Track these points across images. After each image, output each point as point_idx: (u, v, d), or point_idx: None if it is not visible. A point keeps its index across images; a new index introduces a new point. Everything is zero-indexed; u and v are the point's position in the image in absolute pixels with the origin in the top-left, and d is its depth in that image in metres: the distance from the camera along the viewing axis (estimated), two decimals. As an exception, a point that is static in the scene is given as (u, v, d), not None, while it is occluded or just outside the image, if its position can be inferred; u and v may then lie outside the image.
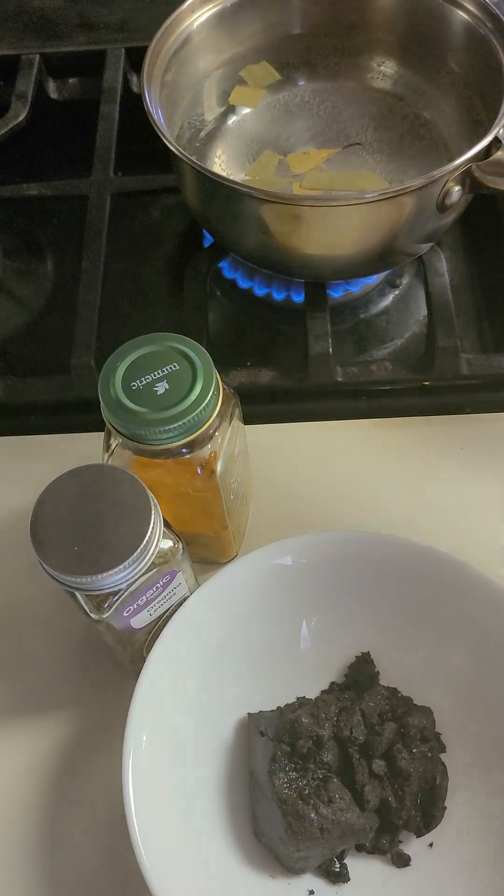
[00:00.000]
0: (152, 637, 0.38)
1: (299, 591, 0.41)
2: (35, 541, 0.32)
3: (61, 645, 0.44)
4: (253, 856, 0.36)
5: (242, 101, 0.57)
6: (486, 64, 0.51)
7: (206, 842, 0.36)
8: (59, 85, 0.68)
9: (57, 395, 0.51)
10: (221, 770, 0.38)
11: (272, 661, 0.41)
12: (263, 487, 0.48)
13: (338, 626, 0.41)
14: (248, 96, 0.57)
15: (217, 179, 0.45)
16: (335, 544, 0.41)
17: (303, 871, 0.36)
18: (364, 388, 0.51)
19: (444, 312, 0.50)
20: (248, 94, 0.57)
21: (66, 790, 0.40)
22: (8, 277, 0.62)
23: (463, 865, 0.36)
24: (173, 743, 0.37)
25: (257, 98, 0.57)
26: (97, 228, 0.55)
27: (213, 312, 0.56)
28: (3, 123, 0.62)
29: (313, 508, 0.47)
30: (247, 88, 0.57)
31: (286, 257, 0.49)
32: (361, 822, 0.36)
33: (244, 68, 0.57)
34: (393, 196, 0.44)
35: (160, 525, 0.33)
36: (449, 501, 0.47)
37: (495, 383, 0.51)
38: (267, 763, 0.36)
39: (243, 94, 0.57)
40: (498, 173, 0.45)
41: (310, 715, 0.37)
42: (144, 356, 0.35)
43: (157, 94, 0.50)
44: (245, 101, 0.57)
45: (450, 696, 0.40)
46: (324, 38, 0.58)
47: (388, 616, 0.41)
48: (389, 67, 0.58)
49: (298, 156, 0.53)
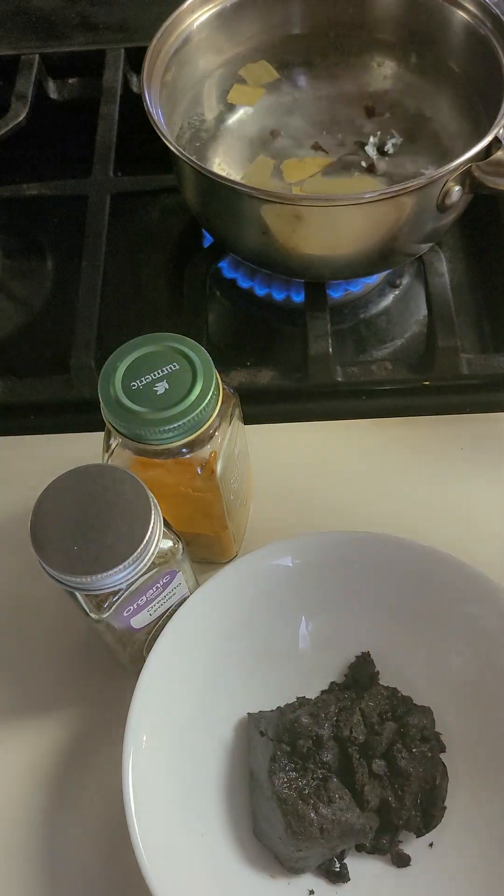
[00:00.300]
0: (152, 637, 0.38)
1: (299, 592, 0.41)
2: (35, 541, 0.32)
3: (61, 645, 0.44)
4: (253, 856, 0.36)
5: (241, 100, 0.57)
6: (486, 64, 0.51)
7: (206, 842, 0.36)
8: (59, 85, 0.68)
9: (57, 395, 0.51)
10: (221, 770, 0.38)
11: (272, 661, 0.41)
12: (263, 487, 0.48)
13: (338, 626, 0.41)
14: (246, 95, 0.57)
15: (217, 179, 0.45)
16: (335, 544, 0.41)
17: (303, 871, 0.36)
18: (364, 388, 0.51)
19: (444, 312, 0.50)
20: (246, 92, 0.57)
21: (66, 790, 0.40)
22: (8, 277, 0.62)
23: (463, 865, 0.36)
24: (173, 743, 0.37)
25: (256, 97, 0.57)
26: (97, 228, 0.55)
27: (213, 312, 0.56)
28: (3, 123, 0.62)
29: (313, 508, 0.47)
30: (246, 87, 0.57)
31: (286, 257, 0.49)
32: (361, 822, 0.36)
33: (243, 67, 0.57)
34: (393, 196, 0.44)
35: (160, 525, 0.33)
36: (449, 501, 0.47)
37: (495, 383, 0.51)
38: (267, 763, 0.36)
39: (242, 92, 0.57)
40: (498, 173, 0.45)
41: (310, 715, 0.37)
42: (144, 356, 0.35)
43: (157, 94, 0.50)
44: (244, 99, 0.57)
45: (450, 696, 0.40)
46: (324, 38, 0.58)
47: (388, 616, 0.41)
48: (389, 67, 0.58)
49: (293, 163, 0.53)
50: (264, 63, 0.57)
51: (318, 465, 0.49)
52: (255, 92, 0.57)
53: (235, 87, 0.57)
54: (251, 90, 0.57)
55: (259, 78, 0.57)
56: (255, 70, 0.57)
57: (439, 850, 0.37)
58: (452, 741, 0.39)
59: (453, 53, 0.54)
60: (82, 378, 0.50)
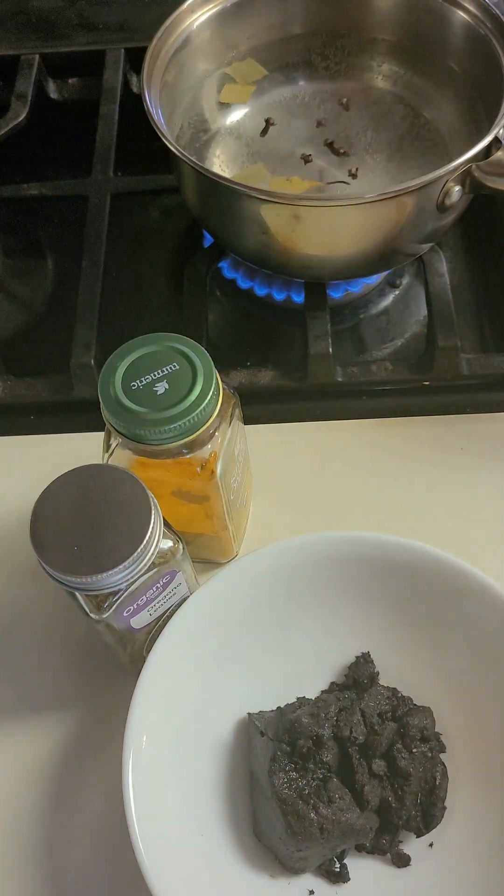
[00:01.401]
0: (152, 637, 0.38)
1: (299, 591, 0.41)
2: (35, 541, 0.32)
3: (61, 645, 0.44)
4: (253, 856, 0.36)
5: (233, 98, 0.57)
6: (486, 64, 0.51)
7: (206, 842, 0.36)
8: (59, 85, 0.68)
9: (57, 395, 0.51)
10: (221, 770, 0.38)
11: (272, 661, 0.41)
12: (263, 487, 0.48)
13: (338, 626, 0.41)
14: (237, 93, 0.57)
15: (217, 179, 0.45)
16: (335, 544, 0.41)
17: (303, 871, 0.36)
18: (364, 388, 0.51)
19: (444, 312, 0.50)
20: (237, 90, 0.57)
21: (66, 790, 0.40)
22: (8, 277, 0.62)
23: (463, 865, 0.36)
24: (173, 743, 0.37)
25: (247, 94, 0.57)
26: (97, 228, 0.55)
27: (213, 312, 0.56)
28: (3, 123, 0.62)
29: (313, 508, 0.47)
30: (236, 85, 0.57)
31: (286, 257, 0.49)
32: (361, 822, 0.36)
33: (230, 66, 0.57)
34: (393, 196, 0.44)
35: (160, 525, 0.33)
36: (449, 501, 0.47)
37: (495, 383, 0.51)
38: (267, 763, 0.36)
39: (232, 90, 0.57)
40: (498, 173, 0.45)
41: (310, 715, 0.37)
42: (144, 356, 0.35)
43: (157, 94, 0.50)
44: (235, 97, 0.57)
45: (450, 696, 0.40)
46: (324, 38, 0.58)
47: (387, 616, 0.41)
48: (389, 67, 0.58)
49: (281, 182, 0.53)
50: (250, 61, 0.57)
51: (318, 465, 0.49)
52: (245, 89, 0.57)
53: (226, 86, 0.57)
54: (241, 87, 0.57)
55: (248, 76, 0.57)
56: (243, 68, 0.57)
57: (439, 850, 0.37)
58: (452, 741, 0.39)
59: (453, 53, 0.54)
60: (82, 378, 0.50)
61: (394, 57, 0.58)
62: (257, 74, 0.57)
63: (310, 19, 0.57)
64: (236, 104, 0.57)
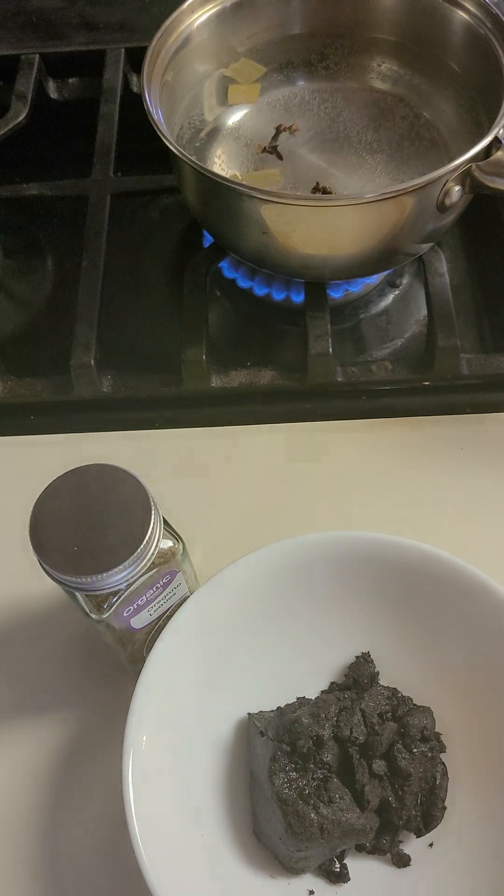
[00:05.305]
0: (152, 637, 0.38)
1: (299, 591, 0.41)
2: (35, 541, 0.32)
3: (61, 645, 0.44)
4: (253, 856, 0.36)
5: (240, 99, 0.57)
6: (486, 64, 0.51)
7: (206, 842, 0.36)
8: (59, 85, 0.68)
9: (57, 395, 0.51)
10: (221, 770, 0.38)
11: (272, 662, 0.41)
12: (263, 488, 0.48)
13: (337, 626, 0.41)
14: (244, 93, 0.57)
15: (217, 179, 0.45)
16: (336, 544, 0.41)
17: (303, 871, 0.36)
18: (364, 388, 0.51)
19: (444, 312, 0.50)
20: (243, 90, 0.57)
21: (66, 790, 0.40)
22: (8, 277, 0.62)
23: (463, 865, 0.36)
24: (173, 743, 0.37)
25: (254, 93, 0.57)
26: (97, 228, 0.55)
27: (213, 312, 0.56)
28: (3, 123, 0.62)
29: (313, 508, 0.47)
30: (240, 86, 0.57)
31: (286, 257, 0.49)
32: (361, 822, 0.36)
33: (227, 69, 0.57)
34: (393, 196, 0.44)
35: (160, 525, 0.33)
36: (449, 501, 0.47)
37: (495, 383, 0.51)
38: (267, 763, 0.36)
39: (239, 91, 0.57)
40: (498, 173, 0.45)
41: (310, 715, 0.37)
42: None
43: (157, 94, 0.50)
44: (243, 97, 0.57)
45: (450, 696, 0.40)
46: (323, 38, 0.58)
47: (387, 616, 0.41)
48: (389, 67, 0.58)
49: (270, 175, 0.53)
50: (246, 60, 0.57)
51: (318, 466, 0.49)
52: (251, 88, 0.57)
53: (231, 87, 0.57)
54: (247, 87, 0.57)
55: (248, 75, 0.57)
56: (241, 69, 0.57)
57: (439, 850, 0.37)
58: (452, 741, 0.39)
59: (453, 53, 0.55)
60: (82, 378, 0.50)
61: (394, 57, 0.58)
62: (257, 73, 0.57)
63: (309, 19, 0.57)
64: (238, 104, 0.57)
